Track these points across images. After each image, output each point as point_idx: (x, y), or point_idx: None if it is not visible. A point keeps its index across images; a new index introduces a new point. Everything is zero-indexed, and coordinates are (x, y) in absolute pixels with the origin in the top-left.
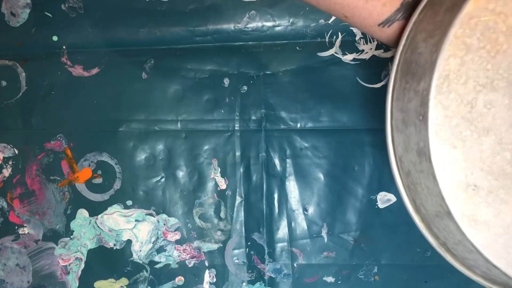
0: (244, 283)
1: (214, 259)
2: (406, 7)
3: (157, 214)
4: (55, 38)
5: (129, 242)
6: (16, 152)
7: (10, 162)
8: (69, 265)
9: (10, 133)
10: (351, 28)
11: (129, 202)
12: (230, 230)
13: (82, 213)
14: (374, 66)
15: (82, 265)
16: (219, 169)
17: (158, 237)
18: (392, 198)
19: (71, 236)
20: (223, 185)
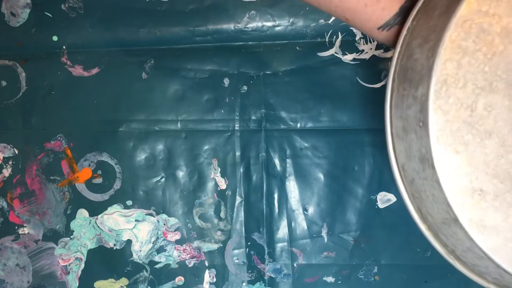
0: (244, 283)
1: (214, 259)
2: (404, 12)
3: (157, 214)
4: (55, 38)
5: (129, 242)
6: (16, 152)
7: (10, 162)
8: (69, 265)
9: (10, 133)
10: (351, 28)
11: (129, 202)
12: (230, 230)
13: (82, 213)
14: (374, 66)
15: (82, 265)
16: (219, 169)
17: (158, 237)
18: (392, 198)
19: (71, 236)
20: (223, 185)
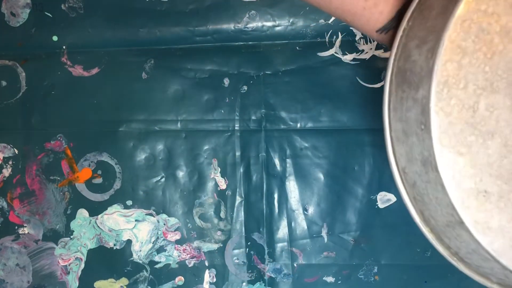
0: (244, 283)
1: (214, 259)
2: (403, 16)
3: (157, 214)
4: (55, 38)
5: (129, 242)
6: (16, 152)
7: (10, 162)
8: (69, 265)
9: (10, 133)
10: (351, 28)
11: (129, 202)
12: (230, 230)
13: (82, 213)
14: (374, 66)
15: (82, 265)
16: (219, 169)
17: (158, 237)
18: (392, 198)
19: (71, 236)
20: (223, 185)
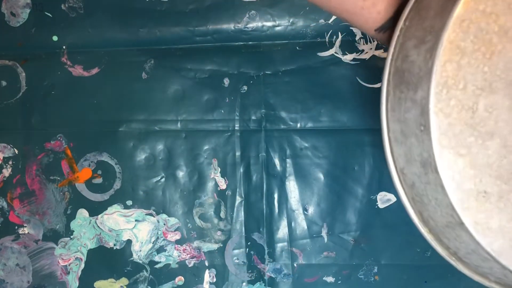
0: (244, 283)
1: (214, 259)
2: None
3: (157, 214)
4: (55, 38)
5: (129, 242)
6: (16, 152)
7: (10, 162)
8: (69, 265)
9: (10, 133)
10: (351, 28)
11: (129, 202)
12: (230, 230)
13: (82, 213)
14: (374, 66)
15: (82, 265)
16: (219, 169)
17: (158, 237)
18: (392, 198)
19: (71, 236)
20: (223, 185)
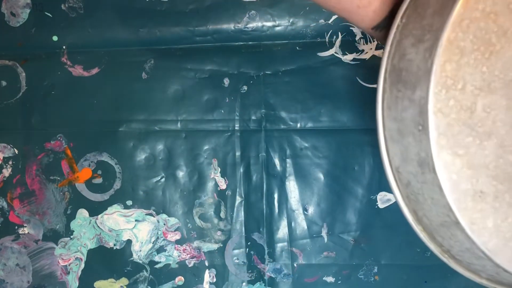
0: (244, 283)
1: (214, 259)
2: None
3: (157, 214)
4: (55, 38)
5: (129, 242)
6: (16, 152)
7: (10, 162)
8: (69, 265)
9: (10, 133)
10: (351, 28)
11: (129, 202)
12: (230, 230)
13: (82, 213)
14: (374, 66)
15: (82, 265)
16: (219, 169)
17: (158, 237)
18: (392, 198)
19: (71, 236)
20: (223, 185)
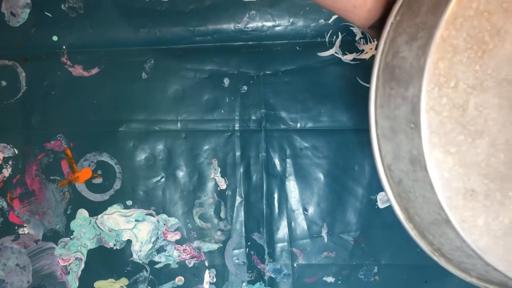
0: (244, 283)
1: (214, 259)
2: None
3: (157, 214)
4: (55, 38)
5: (129, 242)
6: (16, 152)
7: (10, 162)
8: (69, 265)
9: (10, 133)
10: (351, 28)
11: (129, 202)
12: (230, 230)
13: (82, 213)
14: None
15: (82, 265)
16: (219, 169)
17: (158, 237)
18: None
19: (71, 236)
20: (223, 185)
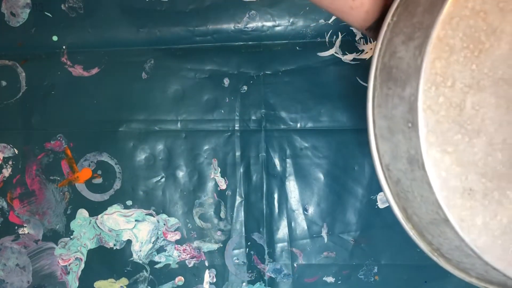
0: (244, 283)
1: (214, 259)
2: None
3: (157, 214)
4: (55, 38)
5: (129, 242)
6: (16, 152)
7: (10, 162)
8: (69, 265)
9: (10, 133)
10: (351, 28)
11: (129, 202)
12: (230, 230)
13: (82, 213)
14: None
15: (82, 265)
16: (219, 169)
17: (158, 237)
18: None
19: (71, 236)
20: (223, 185)
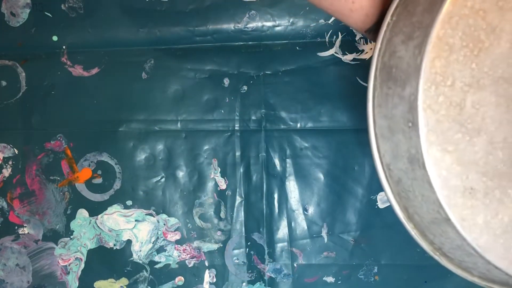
0: (244, 283)
1: (214, 259)
2: None
3: (157, 214)
4: (55, 38)
5: (129, 242)
6: (16, 152)
7: (10, 162)
8: (69, 265)
9: (10, 133)
10: (351, 28)
11: (129, 202)
12: (230, 230)
13: (82, 213)
14: None
15: (82, 265)
16: (219, 169)
17: (158, 237)
18: None
19: (71, 236)
20: (223, 185)
